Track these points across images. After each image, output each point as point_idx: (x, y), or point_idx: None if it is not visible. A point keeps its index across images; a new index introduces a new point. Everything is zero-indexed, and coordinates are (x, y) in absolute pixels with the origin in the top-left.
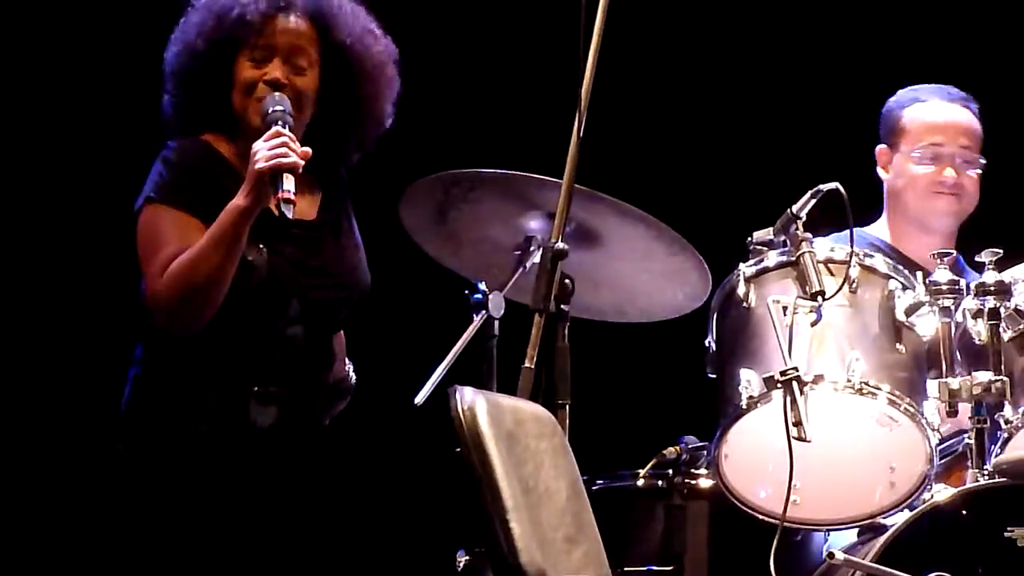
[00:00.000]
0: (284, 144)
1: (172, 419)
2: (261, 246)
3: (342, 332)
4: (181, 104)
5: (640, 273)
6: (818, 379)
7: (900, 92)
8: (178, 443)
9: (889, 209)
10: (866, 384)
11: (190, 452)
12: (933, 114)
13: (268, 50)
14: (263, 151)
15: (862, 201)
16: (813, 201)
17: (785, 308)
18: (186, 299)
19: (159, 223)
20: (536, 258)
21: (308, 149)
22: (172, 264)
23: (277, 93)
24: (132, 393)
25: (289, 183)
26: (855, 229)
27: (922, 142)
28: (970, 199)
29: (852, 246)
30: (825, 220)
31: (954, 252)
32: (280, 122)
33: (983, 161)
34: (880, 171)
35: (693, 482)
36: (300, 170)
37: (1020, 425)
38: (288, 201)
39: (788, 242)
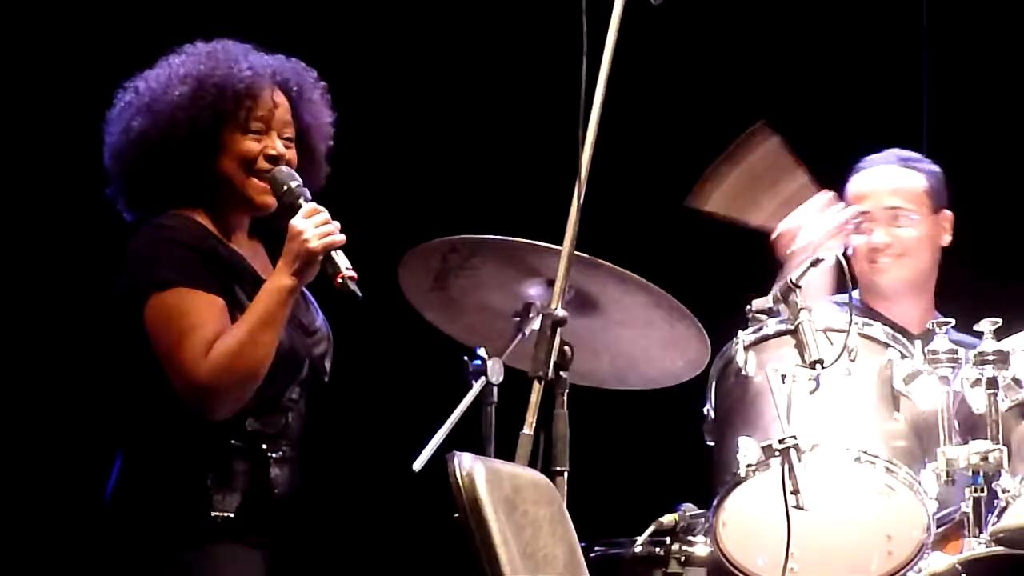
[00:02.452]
0: (327, 221)
1: (190, 496)
2: None
3: None
4: (165, 175)
5: (639, 340)
6: (816, 447)
7: None
8: (203, 516)
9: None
10: (864, 453)
11: (216, 525)
12: (860, 184)
13: (264, 123)
14: (311, 230)
15: None
16: (812, 270)
17: (784, 376)
18: (237, 383)
19: (186, 306)
20: (535, 325)
21: (338, 224)
22: (216, 349)
23: (284, 166)
24: (134, 471)
25: (345, 260)
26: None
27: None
28: (914, 254)
29: (851, 315)
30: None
31: (952, 321)
32: (305, 196)
33: (917, 217)
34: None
35: (690, 549)
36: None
37: (1018, 494)
38: (353, 279)
39: (787, 310)
